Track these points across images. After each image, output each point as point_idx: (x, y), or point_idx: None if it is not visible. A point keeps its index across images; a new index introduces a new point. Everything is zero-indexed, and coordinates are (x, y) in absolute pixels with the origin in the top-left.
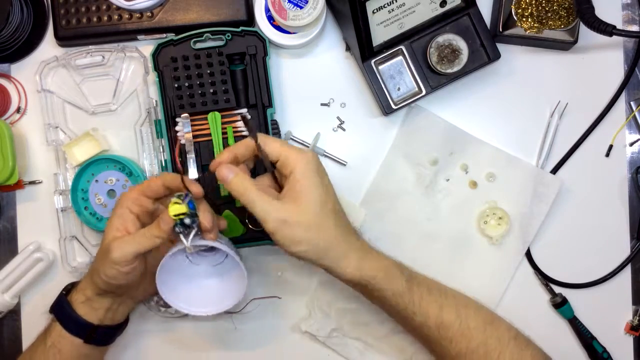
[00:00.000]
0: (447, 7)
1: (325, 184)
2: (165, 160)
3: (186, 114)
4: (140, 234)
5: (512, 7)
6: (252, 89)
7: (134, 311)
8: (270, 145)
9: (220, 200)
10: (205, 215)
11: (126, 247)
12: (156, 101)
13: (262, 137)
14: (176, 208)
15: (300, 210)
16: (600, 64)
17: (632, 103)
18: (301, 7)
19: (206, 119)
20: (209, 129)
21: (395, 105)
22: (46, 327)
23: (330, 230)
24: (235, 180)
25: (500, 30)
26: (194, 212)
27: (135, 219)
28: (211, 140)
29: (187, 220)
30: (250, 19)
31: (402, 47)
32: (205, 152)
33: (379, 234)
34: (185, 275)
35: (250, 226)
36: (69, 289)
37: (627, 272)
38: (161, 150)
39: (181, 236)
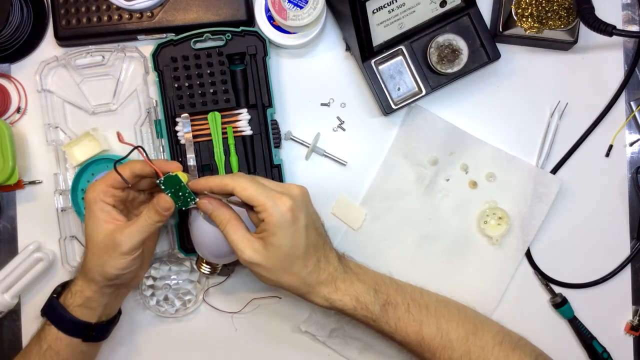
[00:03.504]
0: (447, 7)
1: (300, 227)
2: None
3: (186, 114)
4: (142, 220)
5: (512, 7)
6: (252, 89)
7: (133, 312)
8: (245, 193)
9: None
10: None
11: (133, 236)
12: (156, 101)
13: (239, 181)
14: (183, 176)
15: (266, 255)
16: (600, 64)
17: (632, 103)
18: (301, 7)
19: (206, 119)
20: (209, 129)
21: (395, 105)
22: (39, 330)
23: (293, 273)
24: (217, 213)
25: (500, 30)
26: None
27: (115, 209)
28: (211, 140)
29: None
30: (250, 19)
31: (402, 47)
32: (205, 152)
33: (379, 234)
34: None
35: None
36: (59, 291)
37: (627, 272)
38: (161, 150)
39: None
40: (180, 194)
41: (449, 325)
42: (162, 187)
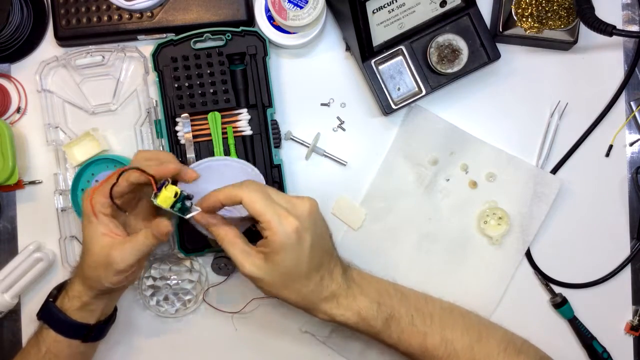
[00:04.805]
0: (447, 7)
1: (305, 249)
2: None
3: (186, 114)
4: (140, 242)
5: (512, 7)
6: (252, 89)
7: (133, 312)
8: (252, 207)
9: None
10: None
11: (129, 256)
12: (156, 101)
13: (248, 194)
14: (167, 194)
15: (266, 271)
16: (600, 64)
17: (632, 103)
18: (301, 7)
19: (206, 119)
20: (209, 129)
21: (395, 105)
22: (36, 333)
23: (294, 290)
24: (214, 230)
25: (500, 30)
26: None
27: (112, 219)
28: (211, 140)
29: (179, 204)
30: (250, 19)
31: (402, 47)
32: (205, 152)
33: (379, 234)
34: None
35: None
36: (55, 294)
37: (627, 272)
38: (161, 150)
39: (185, 214)
40: (175, 208)
41: (453, 334)
42: (157, 205)
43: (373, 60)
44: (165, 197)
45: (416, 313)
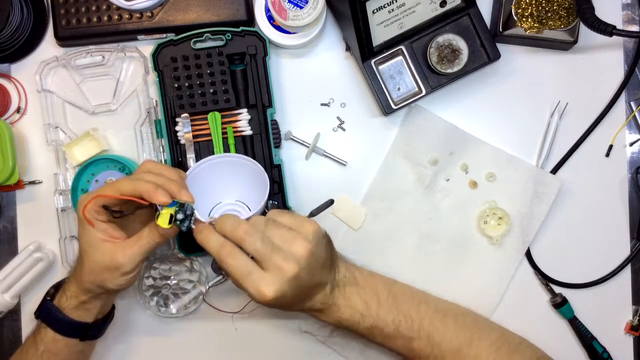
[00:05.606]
0: (447, 7)
1: (283, 304)
2: (165, 160)
3: (186, 114)
4: (145, 242)
5: (512, 7)
6: (252, 89)
7: (133, 312)
8: (231, 275)
9: None
10: (185, 194)
11: (136, 256)
12: (156, 101)
13: (228, 261)
14: (163, 219)
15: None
16: (600, 64)
17: (632, 103)
18: (301, 7)
19: (206, 119)
20: (209, 129)
21: (395, 105)
22: (34, 332)
23: (280, 310)
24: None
25: (500, 30)
26: (176, 205)
27: (110, 224)
28: (211, 140)
29: (180, 215)
30: (250, 19)
31: (402, 47)
32: (205, 152)
33: (379, 234)
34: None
35: None
36: (52, 293)
37: (627, 272)
38: (161, 150)
39: (187, 224)
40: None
41: (441, 337)
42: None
43: (373, 60)
44: (163, 220)
45: (404, 319)
